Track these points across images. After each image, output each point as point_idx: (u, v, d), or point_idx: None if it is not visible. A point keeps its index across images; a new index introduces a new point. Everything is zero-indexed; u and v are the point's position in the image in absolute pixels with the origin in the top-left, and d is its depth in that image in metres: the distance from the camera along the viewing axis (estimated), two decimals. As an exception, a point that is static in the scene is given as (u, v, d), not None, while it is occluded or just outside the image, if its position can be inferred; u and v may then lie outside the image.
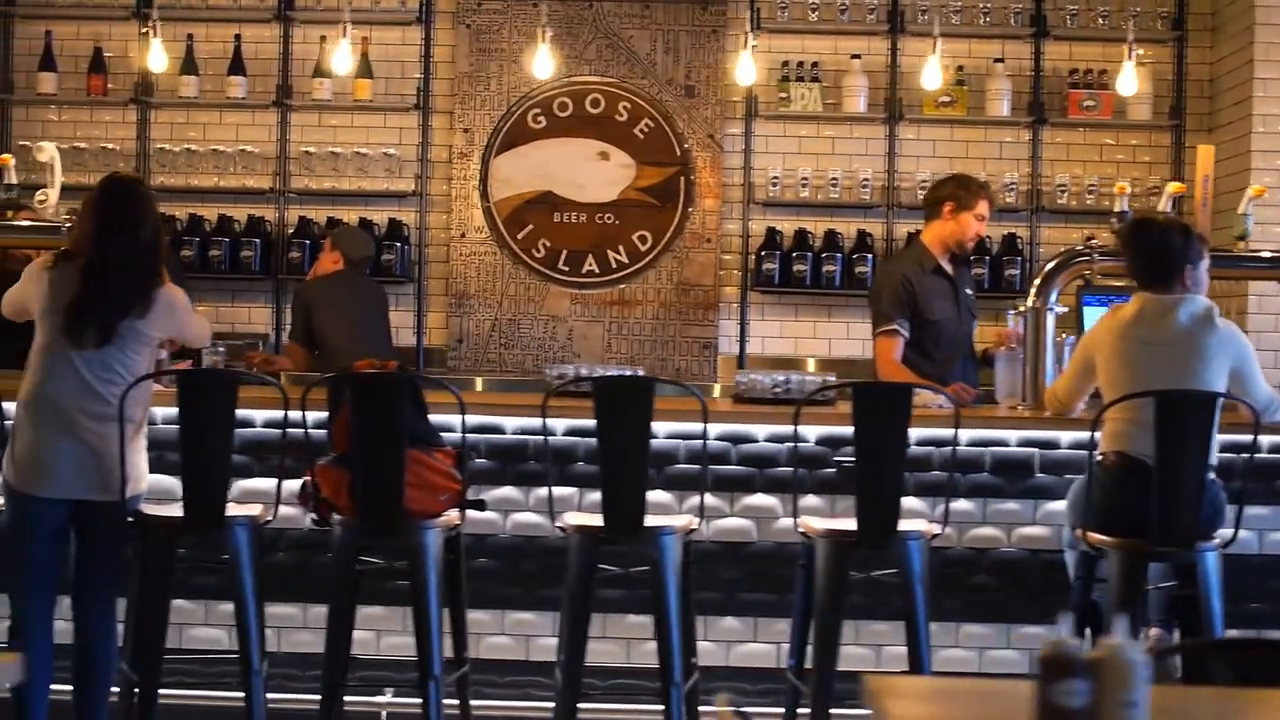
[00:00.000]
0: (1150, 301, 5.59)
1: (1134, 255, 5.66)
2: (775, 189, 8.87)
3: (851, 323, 8.97)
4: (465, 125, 9.04)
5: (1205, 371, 5.51)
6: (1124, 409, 5.48)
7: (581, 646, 5.43)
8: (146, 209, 5.51)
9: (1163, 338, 5.55)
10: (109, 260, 5.38)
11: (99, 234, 5.41)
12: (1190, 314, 5.55)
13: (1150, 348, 5.55)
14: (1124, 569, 5.40)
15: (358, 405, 5.36)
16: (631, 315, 9.03)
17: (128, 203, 5.48)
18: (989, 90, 8.82)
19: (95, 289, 5.36)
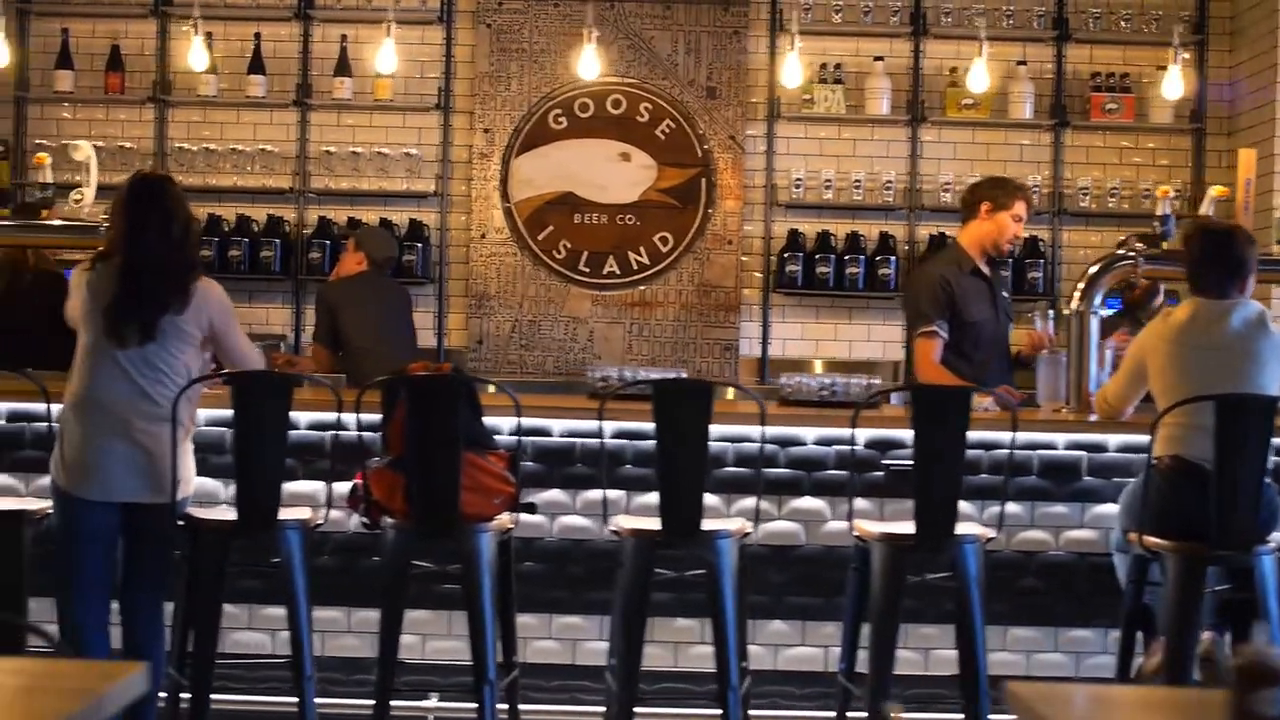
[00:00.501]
0: (1203, 306, 5.59)
1: (1197, 260, 5.65)
2: (798, 191, 8.86)
3: (873, 325, 8.99)
4: (486, 125, 9.00)
5: (1259, 375, 5.52)
6: (1179, 413, 5.47)
7: (637, 651, 5.40)
8: (176, 205, 5.46)
9: (1216, 342, 5.55)
10: (142, 259, 5.34)
11: (130, 233, 5.37)
12: (1243, 319, 5.56)
13: (1204, 352, 5.55)
14: (1181, 573, 5.39)
15: (414, 408, 5.32)
16: (652, 317, 9.00)
17: (156, 200, 5.43)
18: (1011, 93, 8.82)
19: (132, 288, 5.32)
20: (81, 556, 5.34)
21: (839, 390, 6.27)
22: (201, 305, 5.40)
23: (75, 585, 5.35)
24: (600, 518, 6.13)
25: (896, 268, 8.77)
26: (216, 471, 6.03)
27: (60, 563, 5.37)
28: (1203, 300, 5.60)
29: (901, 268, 8.80)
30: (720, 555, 5.40)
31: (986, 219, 6.87)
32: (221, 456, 6.11)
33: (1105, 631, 6.13)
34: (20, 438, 6.14)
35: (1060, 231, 8.91)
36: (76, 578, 5.35)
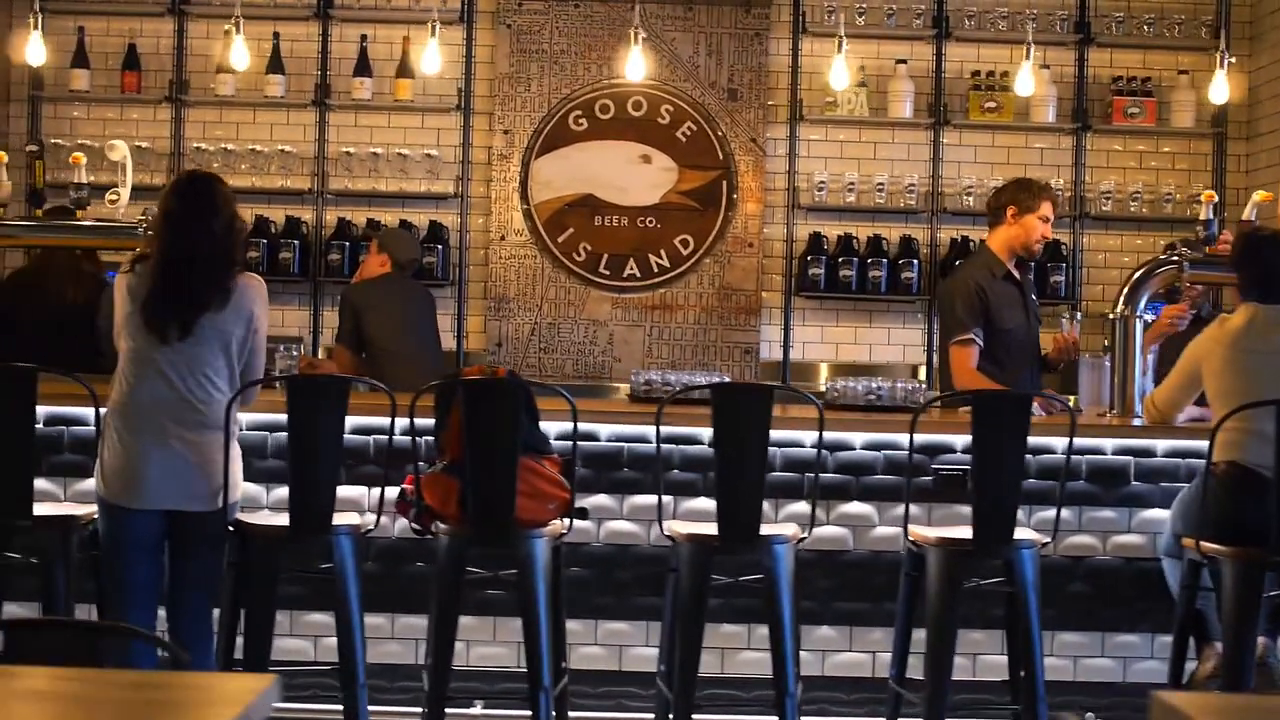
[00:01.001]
0: (1260, 312, 5.58)
1: (1251, 267, 5.64)
2: (821, 194, 8.83)
3: (893, 328, 8.96)
4: (505, 127, 8.94)
5: (1321, 380, 5.51)
6: (1237, 418, 5.45)
7: (695, 657, 5.35)
8: (221, 202, 5.39)
9: (1274, 346, 5.55)
10: (181, 253, 5.24)
11: (171, 229, 5.28)
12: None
13: (1261, 357, 5.54)
14: (1240, 578, 5.37)
15: (471, 412, 5.26)
16: (672, 320, 8.96)
17: (201, 197, 5.34)
18: (1033, 97, 8.80)
19: (171, 282, 5.21)
20: (126, 565, 5.25)
21: (885, 394, 6.24)
22: (242, 302, 5.31)
23: (121, 593, 5.27)
24: (647, 523, 6.11)
25: (919, 271, 8.75)
26: (257, 476, 5.96)
27: (106, 571, 5.29)
28: (1259, 306, 5.59)
29: (924, 271, 8.77)
30: (778, 561, 5.36)
31: (1013, 223, 6.86)
32: (263, 461, 6.05)
33: (1152, 637, 6.13)
34: (59, 441, 6.05)
35: (1082, 235, 8.89)
36: (122, 585, 5.26)
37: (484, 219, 8.96)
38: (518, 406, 5.31)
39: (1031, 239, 6.88)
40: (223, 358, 5.24)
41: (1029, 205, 6.87)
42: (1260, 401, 5.36)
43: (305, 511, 5.28)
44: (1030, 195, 6.91)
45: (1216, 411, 5.60)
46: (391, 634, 6.09)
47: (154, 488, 5.19)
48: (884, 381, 6.34)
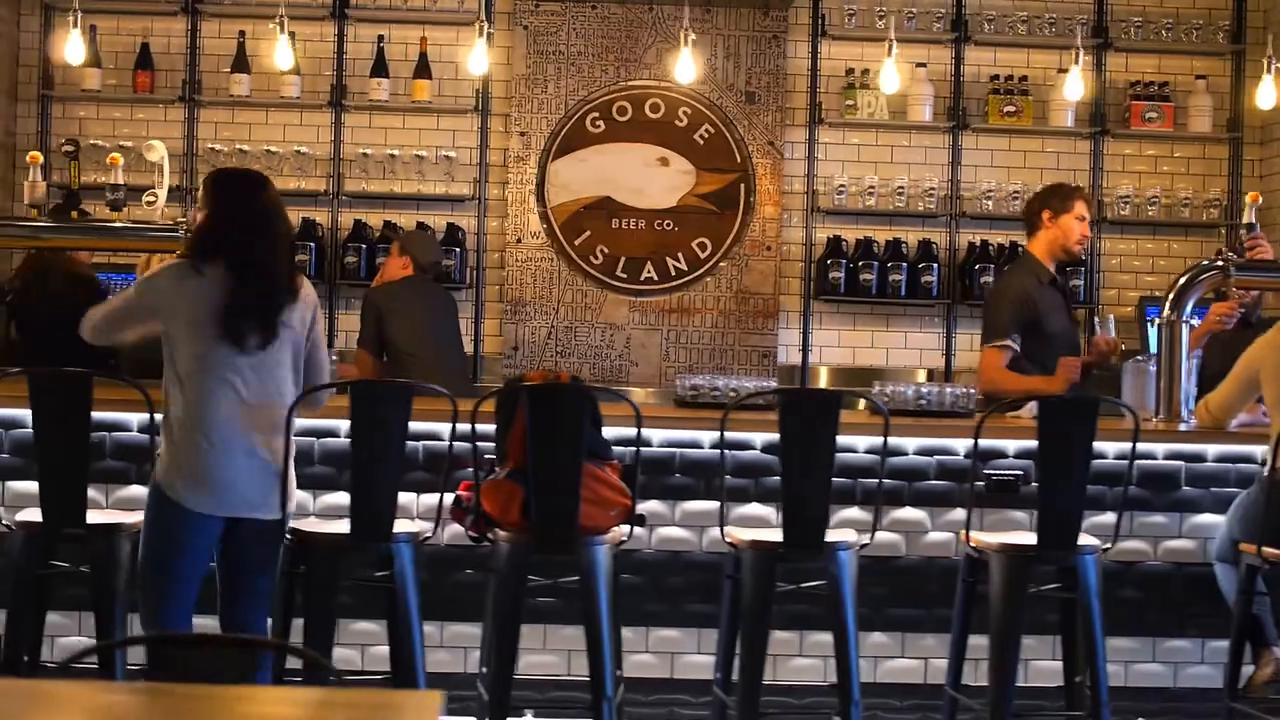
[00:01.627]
0: (1320, 316, 5.60)
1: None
2: (840, 197, 8.80)
3: (910, 332, 8.94)
4: (522, 129, 8.87)
5: (1376, 385, 5.53)
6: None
7: (760, 665, 5.31)
8: (278, 199, 5.31)
9: (1332, 352, 5.56)
10: (255, 255, 5.12)
11: (241, 230, 5.14)
12: (1361, 329, 5.57)
13: (1321, 362, 5.55)
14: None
15: (537, 418, 5.20)
16: (690, 323, 8.91)
17: (263, 195, 5.26)
18: (1051, 101, 8.82)
19: (251, 288, 5.09)
20: (182, 568, 5.13)
21: (933, 399, 6.22)
22: (306, 301, 5.24)
23: (170, 597, 5.14)
24: (699, 529, 6.07)
25: (938, 275, 8.74)
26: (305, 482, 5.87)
27: (157, 574, 5.15)
28: (1318, 310, 5.61)
29: (943, 275, 8.76)
30: (842, 568, 5.33)
31: (1051, 226, 6.86)
32: (310, 467, 5.97)
33: (1203, 642, 6.13)
34: (100, 448, 5.95)
35: (1099, 239, 8.90)
36: (173, 590, 5.14)
37: (500, 221, 8.89)
38: (583, 412, 5.25)
39: (1070, 240, 6.87)
40: (291, 360, 5.15)
41: (1063, 207, 6.87)
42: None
43: (367, 518, 5.21)
44: (1063, 197, 6.92)
45: (1276, 417, 5.60)
46: (440, 642, 6.02)
47: (229, 494, 5.04)
48: (932, 386, 6.32)
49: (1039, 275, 6.86)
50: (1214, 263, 6.36)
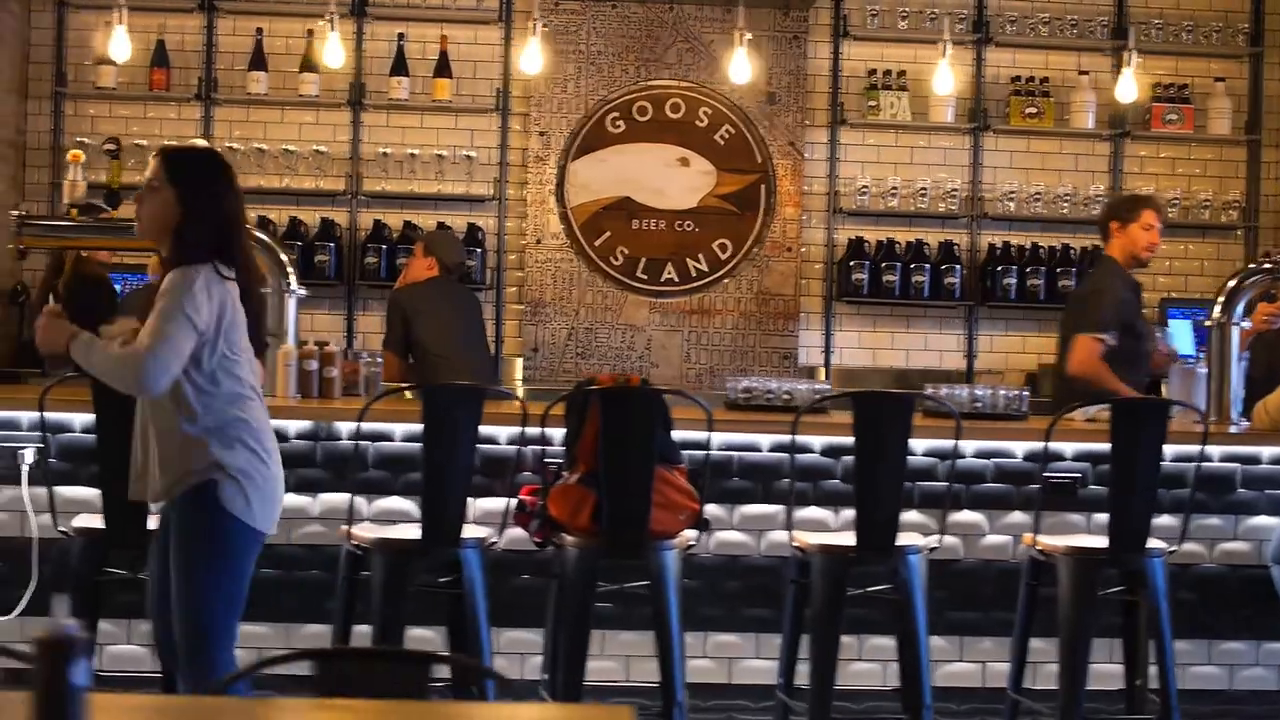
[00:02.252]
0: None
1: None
2: (864, 198, 8.78)
3: (929, 334, 8.93)
4: (541, 128, 8.80)
5: None
6: (1361, 426, 5.48)
7: (831, 671, 5.27)
8: None
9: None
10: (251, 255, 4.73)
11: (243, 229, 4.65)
12: None
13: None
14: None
15: (611, 421, 5.14)
16: (710, 325, 8.87)
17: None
18: (1073, 103, 8.82)
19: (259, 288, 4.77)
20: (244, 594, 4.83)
21: (986, 401, 6.19)
22: None
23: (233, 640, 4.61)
24: (757, 533, 6.03)
25: (960, 276, 8.72)
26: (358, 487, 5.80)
27: (228, 619, 4.53)
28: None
29: (965, 276, 8.75)
30: (912, 571, 5.30)
31: (1120, 235, 6.87)
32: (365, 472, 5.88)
33: (1259, 644, 6.13)
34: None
35: (1119, 241, 8.91)
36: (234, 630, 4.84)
37: (519, 222, 8.81)
38: (656, 415, 5.20)
39: (1138, 247, 6.87)
40: None
41: (1129, 216, 6.89)
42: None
43: (437, 523, 5.14)
44: (1129, 207, 6.97)
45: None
46: (498, 648, 5.94)
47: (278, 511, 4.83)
48: (985, 388, 6.29)
49: (1123, 278, 6.84)
50: (1262, 264, 6.37)
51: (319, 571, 5.86)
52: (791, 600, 5.50)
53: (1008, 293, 8.69)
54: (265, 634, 5.86)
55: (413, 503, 5.80)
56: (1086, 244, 8.74)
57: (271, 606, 5.78)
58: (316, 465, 5.91)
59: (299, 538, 5.92)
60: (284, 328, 6.17)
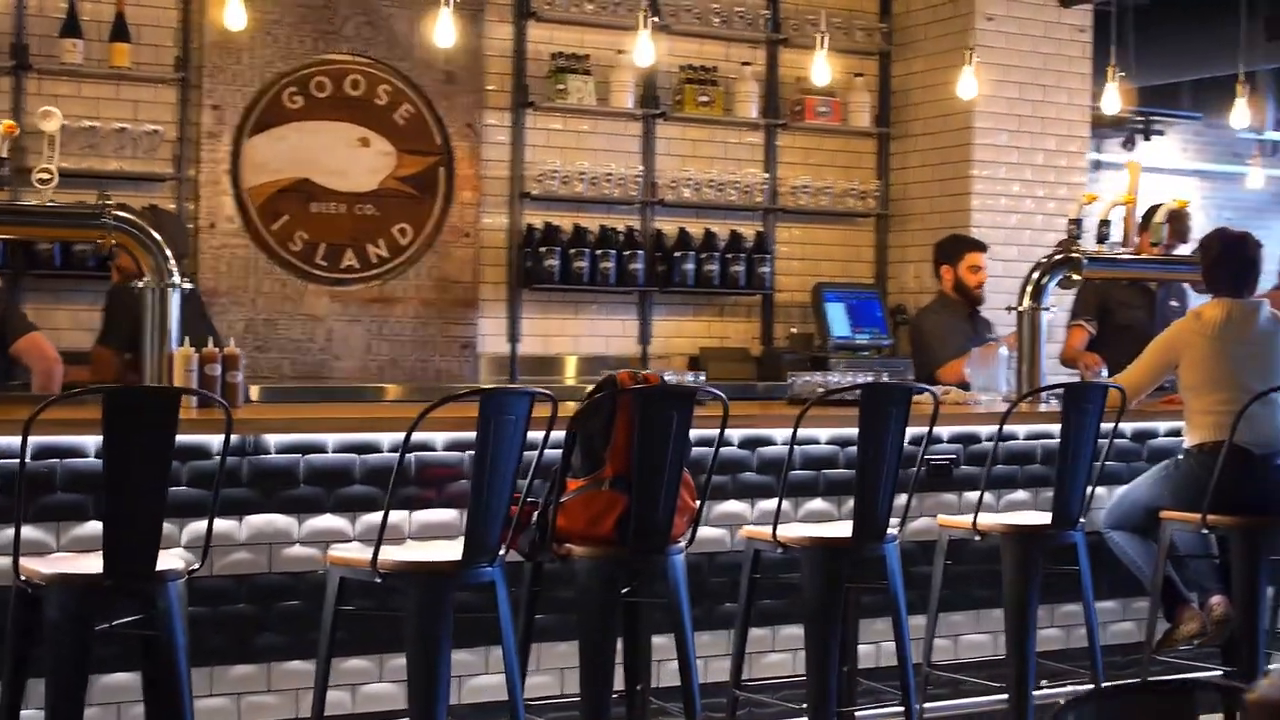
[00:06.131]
0: (1235, 306, 6.18)
1: (1224, 264, 6.22)
2: (546, 182, 8.63)
3: (605, 320, 8.93)
4: (215, 102, 8.06)
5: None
6: (1222, 402, 6.05)
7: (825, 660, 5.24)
8: None
9: (1248, 337, 6.16)
10: None
11: None
12: (1266, 317, 6.22)
13: (1241, 347, 6.14)
14: (1246, 546, 5.98)
15: (647, 422, 4.88)
16: (392, 314, 8.45)
17: None
18: (738, 93, 9.07)
19: None
20: None
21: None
22: None
23: None
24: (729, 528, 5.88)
25: (646, 262, 8.77)
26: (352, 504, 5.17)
27: None
28: (1234, 301, 6.19)
29: (647, 262, 8.80)
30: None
31: (949, 275, 7.83)
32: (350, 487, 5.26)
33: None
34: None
35: (774, 228, 9.26)
36: None
37: (192, 204, 8.03)
38: (689, 415, 4.99)
39: (969, 287, 7.91)
40: None
41: (956, 259, 7.90)
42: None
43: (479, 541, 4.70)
44: (955, 250, 7.93)
45: (1197, 397, 6.14)
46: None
47: None
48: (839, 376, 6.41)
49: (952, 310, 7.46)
50: (1068, 254, 6.84)
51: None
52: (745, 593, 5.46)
53: (686, 279, 8.83)
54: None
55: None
56: (759, 229, 9.06)
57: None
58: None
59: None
60: (168, 327, 5.40)
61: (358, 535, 5.27)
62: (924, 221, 9.36)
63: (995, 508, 6.39)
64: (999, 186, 9.21)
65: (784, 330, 9.29)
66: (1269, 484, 6.05)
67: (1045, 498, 6.48)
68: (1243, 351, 6.14)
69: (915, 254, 9.28)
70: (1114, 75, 7.65)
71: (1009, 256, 9.22)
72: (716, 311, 9.18)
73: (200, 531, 4.88)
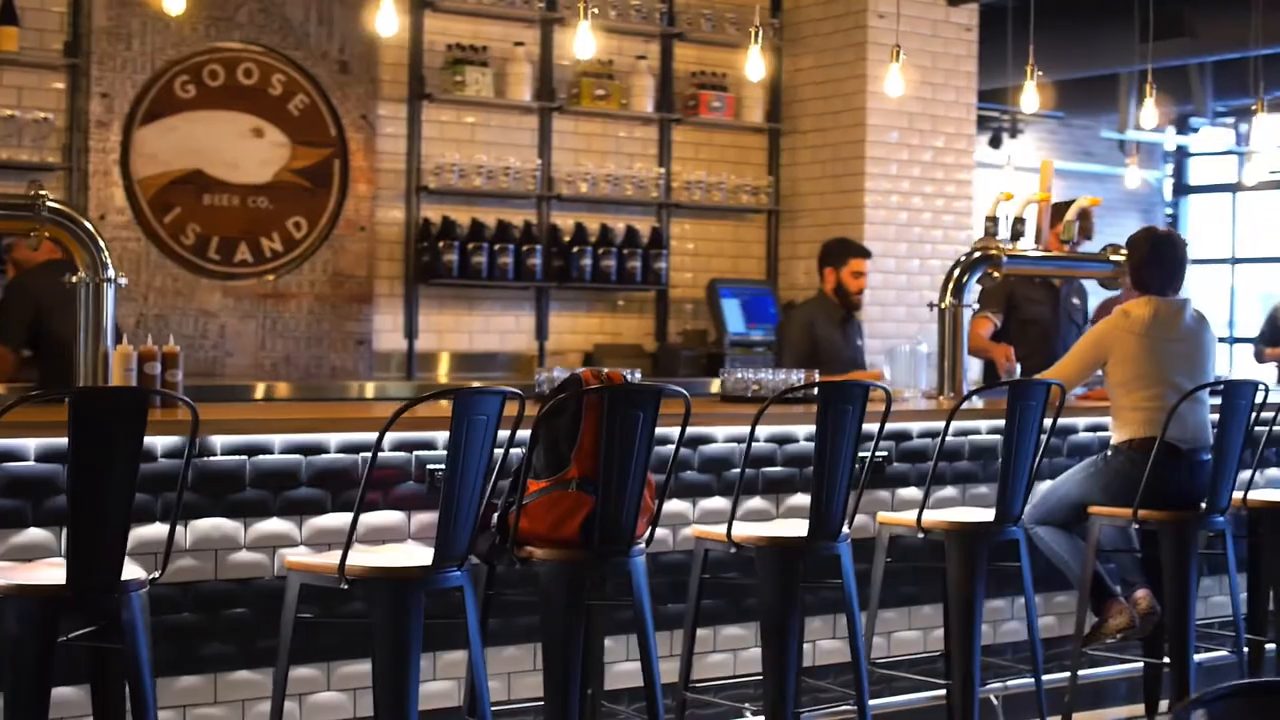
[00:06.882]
0: (1163, 304, 6.26)
1: (1154, 263, 6.29)
2: (444, 176, 8.47)
3: (491, 315, 8.81)
4: (104, 90, 7.76)
5: (1208, 363, 6.30)
6: (1151, 399, 6.12)
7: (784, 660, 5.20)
8: None
9: (1174, 335, 6.24)
10: None
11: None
12: (1192, 315, 6.30)
13: (1170, 344, 6.21)
14: (1176, 540, 6.06)
15: (615, 421, 4.78)
16: (286, 310, 8.22)
17: None
18: (633, 86, 8.99)
19: None
20: None
21: (769, 384, 6.27)
22: None
23: None
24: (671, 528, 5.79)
25: (543, 256, 8.65)
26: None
27: None
28: (1161, 299, 6.27)
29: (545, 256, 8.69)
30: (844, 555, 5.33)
31: (831, 278, 7.79)
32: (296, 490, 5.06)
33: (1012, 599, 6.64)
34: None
35: (669, 223, 9.20)
36: None
37: (81, 196, 7.73)
38: (656, 413, 4.90)
39: (849, 291, 7.80)
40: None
41: (840, 263, 7.77)
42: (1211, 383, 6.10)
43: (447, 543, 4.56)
44: (840, 254, 7.78)
45: (1126, 394, 6.21)
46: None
47: None
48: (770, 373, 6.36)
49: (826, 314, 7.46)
50: (986, 253, 6.88)
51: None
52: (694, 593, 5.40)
53: (583, 274, 8.73)
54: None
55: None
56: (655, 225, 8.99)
57: None
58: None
59: None
60: (103, 324, 5.17)
61: (305, 540, 5.10)
62: (815, 218, 9.37)
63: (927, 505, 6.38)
64: (889, 184, 9.26)
65: (678, 326, 9.23)
66: (1196, 479, 6.14)
67: (973, 494, 6.52)
68: (1170, 349, 6.22)
69: (806, 250, 9.29)
70: (1033, 74, 7.69)
71: (899, 253, 9.30)
72: (610, 307, 9.10)
73: (146, 538, 4.71)
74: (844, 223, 9.04)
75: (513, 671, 5.47)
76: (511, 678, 5.51)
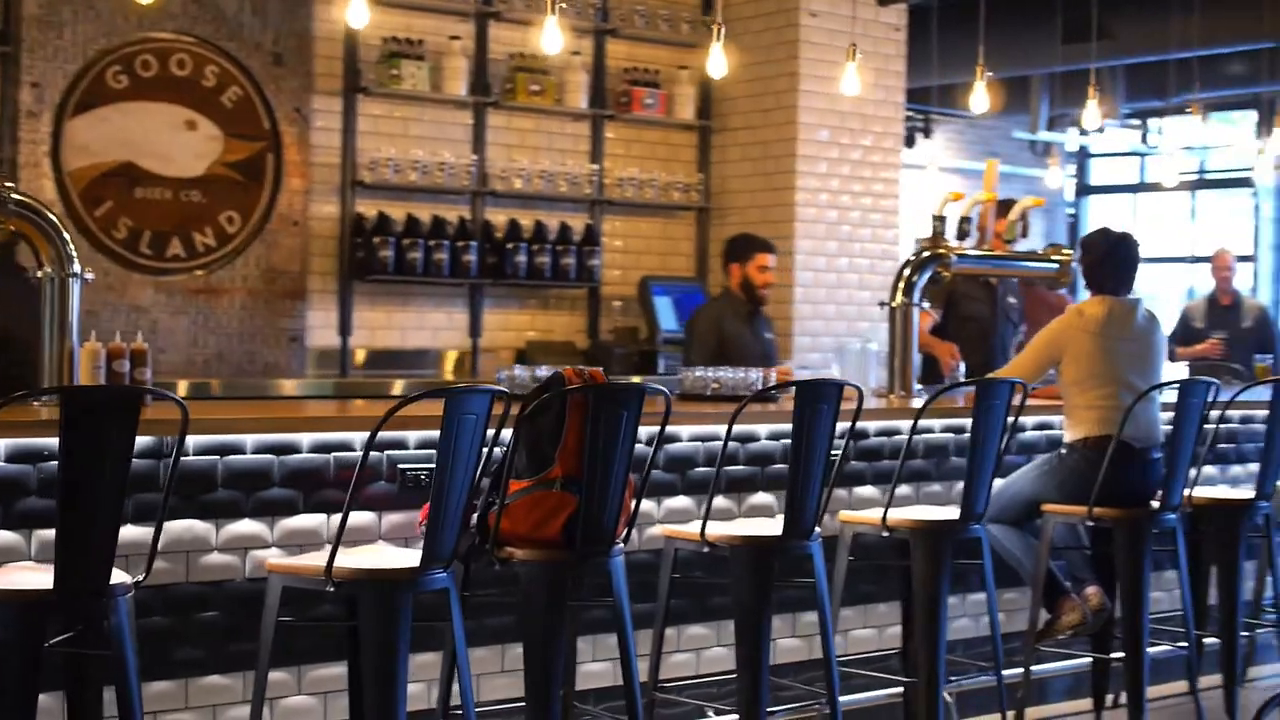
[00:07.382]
0: (1116, 304, 6.33)
1: (1109, 263, 6.36)
2: (379, 170, 8.37)
3: (425, 311, 8.71)
4: (34, 79, 7.57)
5: (1158, 362, 6.40)
6: (1105, 397, 6.19)
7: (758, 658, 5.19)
8: None
9: (1128, 334, 6.32)
10: None
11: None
12: (1143, 315, 6.39)
13: (1123, 343, 6.29)
14: (1131, 537, 6.13)
15: (599, 419, 4.75)
16: (219, 305, 8.08)
17: None
18: (568, 83, 8.94)
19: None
20: None
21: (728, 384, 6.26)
22: None
23: None
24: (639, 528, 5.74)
25: (479, 252, 8.58)
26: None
27: None
28: (1114, 299, 6.34)
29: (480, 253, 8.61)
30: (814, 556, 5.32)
31: (738, 273, 7.62)
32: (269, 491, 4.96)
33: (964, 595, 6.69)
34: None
35: (601, 219, 9.16)
36: None
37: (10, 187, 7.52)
38: (639, 413, 4.87)
39: (756, 286, 7.63)
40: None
41: (746, 258, 7.62)
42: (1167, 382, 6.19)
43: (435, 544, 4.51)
44: (745, 249, 7.65)
45: (1080, 392, 6.27)
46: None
47: None
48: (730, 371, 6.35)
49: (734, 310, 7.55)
50: (935, 252, 6.92)
51: None
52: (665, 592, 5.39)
53: (518, 270, 8.67)
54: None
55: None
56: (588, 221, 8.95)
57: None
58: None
59: None
60: (69, 320, 5.04)
61: (276, 541, 5.00)
62: (744, 215, 9.37)
63: (880, 502, 6.41)
64: (818, 182, 9.29)
65: (609, 324, 9.20)
66: (1148, 477, 6.23)
67: (926, 492, 6.56)
68: (1123, 348, 6.29)
69: (736, 248, 9.29)
70: (982, 74, 7.74)
71: (829, 251, 9.34)
72: (542, 304, 9.05)
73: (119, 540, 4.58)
74: (774, 220, 9.06)
75: (481, 674, 5.41)
76: (480, 679, 5.44)
